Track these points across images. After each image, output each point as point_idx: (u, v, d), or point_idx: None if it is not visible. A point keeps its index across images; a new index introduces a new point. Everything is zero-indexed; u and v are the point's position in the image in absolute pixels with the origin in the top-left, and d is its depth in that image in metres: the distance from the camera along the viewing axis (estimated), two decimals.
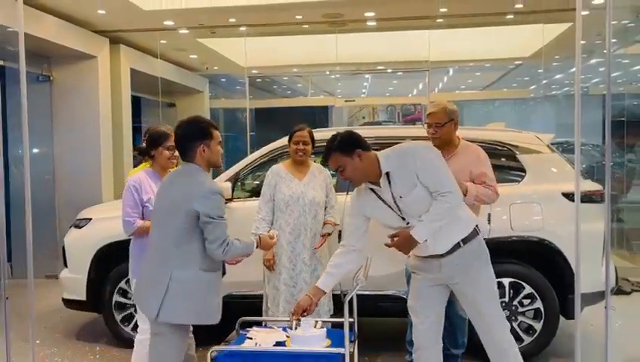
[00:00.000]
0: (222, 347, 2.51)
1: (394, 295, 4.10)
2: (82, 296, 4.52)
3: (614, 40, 8.95)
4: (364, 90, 10.87)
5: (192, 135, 2.65)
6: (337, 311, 3.83)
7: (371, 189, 2.79)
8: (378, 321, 4.86)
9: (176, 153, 3.18)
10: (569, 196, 3.93)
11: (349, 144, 2.70)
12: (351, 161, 2.70)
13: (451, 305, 3.40)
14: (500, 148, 4.19)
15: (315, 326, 2.59)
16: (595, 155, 9.54)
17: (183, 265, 2.52)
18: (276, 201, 3.80)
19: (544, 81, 8.90)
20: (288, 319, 2.88)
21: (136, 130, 8.93)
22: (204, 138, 2.64)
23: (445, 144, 3.40)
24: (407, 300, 3.72)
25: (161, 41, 8.30)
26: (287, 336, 2.57)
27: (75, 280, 4.56)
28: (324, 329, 2.59)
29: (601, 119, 10.26)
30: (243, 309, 4.24)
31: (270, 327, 2.77)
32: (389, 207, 2.75)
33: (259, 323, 3.14)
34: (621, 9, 7.01)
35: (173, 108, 10.49)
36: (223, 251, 2.53)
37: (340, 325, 2.72)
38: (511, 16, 7.14)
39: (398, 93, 11.62)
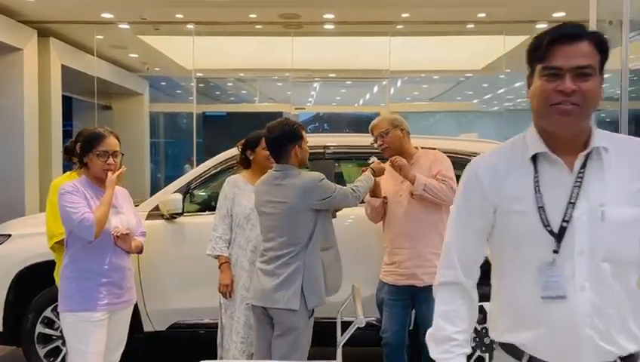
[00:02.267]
0: None
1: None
2: None
3: None
4: (310, 99, 10.60)
5: (286, 137, 2.78)
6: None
7: (535, 168, 1.41)
8: (351, 351, 4.43)
9: (111, 160, 2.70)
10: None
11: (607, 51, 1.42)
12: (599, 77, 1.37)
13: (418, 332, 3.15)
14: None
15: None
16: None
17: (312, 252, 2.74)
18: (235, 216, 3.34)
19: (499, 91, 8.91)
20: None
21: (67, 133, 8.20)
22: (297, 139, 2.79)
23: (398, 154, 3.16)
24: (380, 327, 3.40)
25: (98, 37, 7.72)
26: None
27: None
28: None
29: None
30: (194, 341, 3.79)
31: None
32: (541, 212, 1.37)
33: None
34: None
35: (110, 111, 9.94)
36: (356, 198, 2.88)
37: None
38: (471, 26, 6.99)
39: (345, 102, 11.44)
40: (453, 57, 8.89)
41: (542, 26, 7.02)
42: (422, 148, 3.32)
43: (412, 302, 3.18)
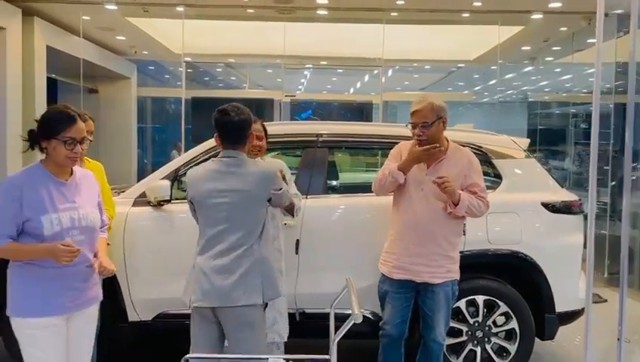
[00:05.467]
0: None
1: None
2: None
3: (557, 47, 9.07)
4: (300, 87, 10.46)
5: (249, 123, 2.67)
6: (293, 333, 3.33)
7: None
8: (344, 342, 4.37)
9: (78, 148, 2.37)
10: (549, 206, 3.67)
11: None
12: None
13: (431, 330, 3.07)
14: (474, 151, 3.81)
15: None
16: None
17: (265, 244, 2.67)
18: None
19: (491, 83, 8.81)
20: (251, 356, 2.36)
21: None
22: (252, 124, 2.71)
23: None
24: (372, 320, 3.32)
25: (84, 17, 7.44)
26: None
27: None
28: None
29: (526, 127, 10.52)
30: (183, 331, 3.72)
31: None
32: None
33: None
34: (572, 16, 6.96)
35: (96, 95, 9.70)
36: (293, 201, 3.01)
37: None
38: (467, 15, 6.88)
39: (337, 90, 11.29)
40: (445, 47, 8.78)
41: (538, 17, 6.93)
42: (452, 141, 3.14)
43: (415, 294, 3.09)
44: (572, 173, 9.69)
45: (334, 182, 4.29)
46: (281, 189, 2.68)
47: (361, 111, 7.86)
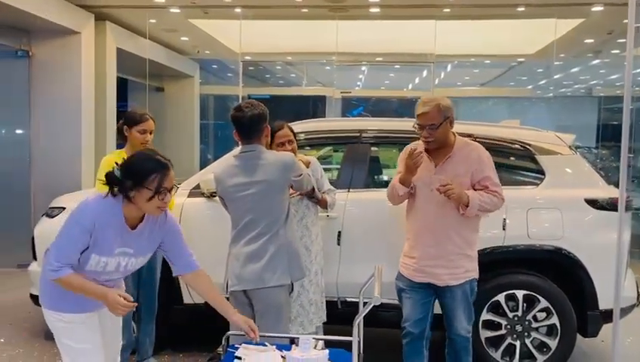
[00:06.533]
0: None
1: (389, 303, 3.71)
2: None
3: (623, 40, 8.68)
4: (358, 83, 10.53)
5: (263, 116, 2.81)
6: (330, 318, 3.46)
7: None
8: (373, 331, 4.50)
9: (169, 197, 2.25)
10: (592, 202, 3.64)
11: None
12: None
13: (452, 325, 3.06)
14: (517, 147, 3.84)
15: (315, 347, 2.22)
16: (590, 159, 9.31)
17: (289, 228, 2.84)
18: None
19: (554, 77, 8.56)
20: (285, 335, 2.54)
21: (122, 114, 8.46)
22: (267, 119, 2.83)
23: (441, 146, 2.97)
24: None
25: (151, 20, 7.86)
26: (283, 357, 2.20)
27: None
28: (326, 350, 2.22)
29: (596, 123, 10.10)
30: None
31: (262, 344, 2.38)
32: None
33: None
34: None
35: (162, 93, 10.11)
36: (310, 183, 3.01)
37: (336, 343, 2.35)
38: (522, 9, 6.75)
39: (395, 87, 11.27)
40: (503, 41, 8.62)
41: (598, 9, 6.70)
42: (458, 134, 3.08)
43: (434, 292, 3.05)
44: None
45: (375, 177, 4.41)
46: (301, 175, 2.83)
47: (413, 108, 7.83)
